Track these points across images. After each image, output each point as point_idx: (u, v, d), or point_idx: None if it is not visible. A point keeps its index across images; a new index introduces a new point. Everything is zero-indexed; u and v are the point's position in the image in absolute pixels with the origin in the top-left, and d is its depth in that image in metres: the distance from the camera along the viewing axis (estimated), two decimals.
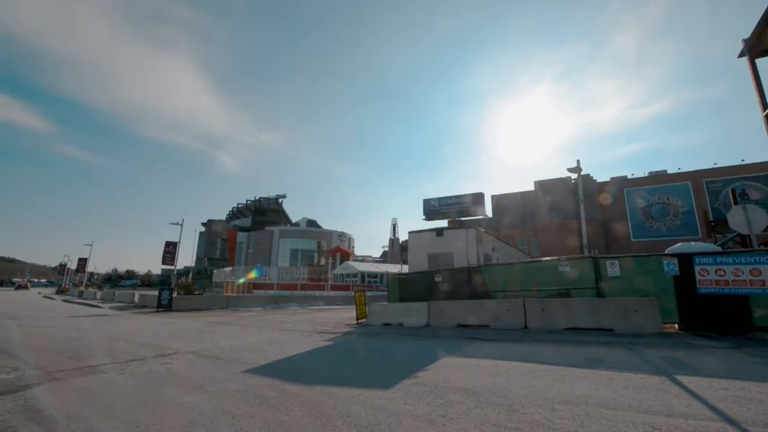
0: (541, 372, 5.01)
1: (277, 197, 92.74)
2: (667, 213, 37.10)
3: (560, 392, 4.06)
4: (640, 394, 3.90)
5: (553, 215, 41.46)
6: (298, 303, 26.31)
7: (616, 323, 8.14)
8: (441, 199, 52.98)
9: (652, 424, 3.10)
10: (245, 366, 5.91)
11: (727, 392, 3.90)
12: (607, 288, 9.32)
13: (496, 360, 5.93)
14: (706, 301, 7.93)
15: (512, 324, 9.45)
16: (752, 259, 7.49)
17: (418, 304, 11.41)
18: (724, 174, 35.17)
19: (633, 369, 5.03)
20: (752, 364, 5.29)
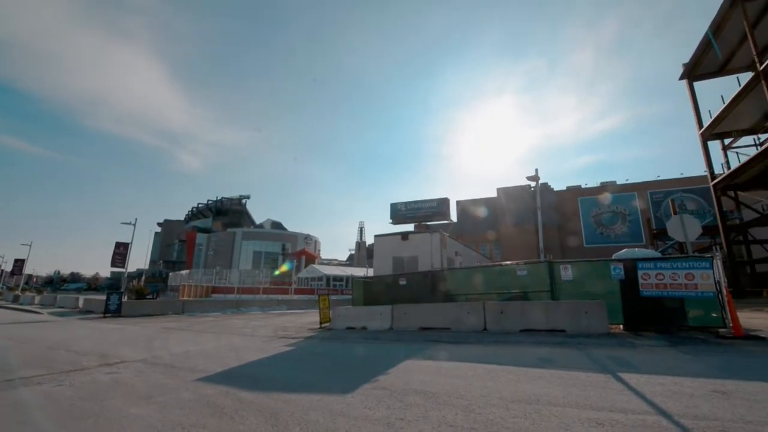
0: (497, 373, 5.18)
1: (240, 198, 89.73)
2: (616, 221, 39.84)
3: (515, 392, 4.22)
4: (587, 392, 4.14)
5: (514, 221, 43.21)
6: (260, 307, 25.52)
7: (568, 324, 8.60)
8: (408, 204, 53.52)
9: (596, 420, 3.30)
10: (199, 374, 5.64)
11: (663, 387, 4.22)
12: (561, 291, 9.82)
13: (455, 362, 6.07)
14: (647, 303, 8.58)
15: (473, 326, 9.71)
16: (687, 264, 8.21)
17: (382, 307, 11.44)
18: (666, 186, 38.34)
19: (581, 368, 5.33)
20: (685, 361, 5.77)
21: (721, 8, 21.47)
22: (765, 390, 4.02)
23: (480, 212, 47.03)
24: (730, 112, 23.29)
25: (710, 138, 26.20)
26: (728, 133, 25.73)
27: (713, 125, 24.94)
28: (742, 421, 3.16)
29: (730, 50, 24.11)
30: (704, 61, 25.41)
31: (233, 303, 25.21)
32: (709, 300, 8.01)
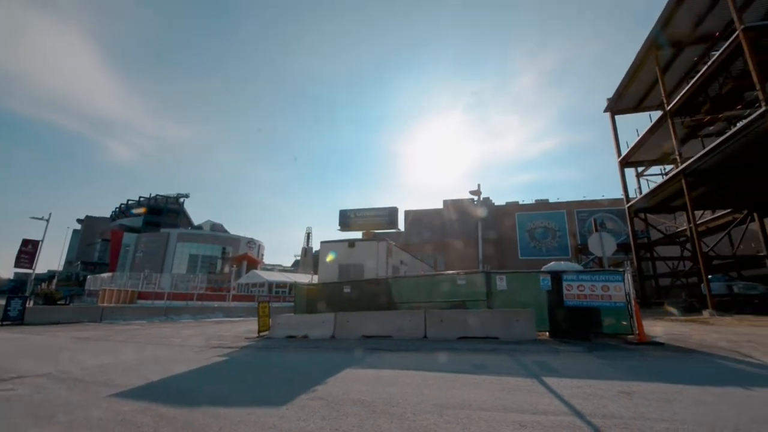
0: (433, 380, 5.32)
1: (178, 196, 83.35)
2: (548, 236, 43.28)
3: (448, 398, 4.36)
4: (514, 396, 4.40)
5: (459, 232, 45.10)
6: (192, 315, 23.78)
7: (502, 332, 9.12)
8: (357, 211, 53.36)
9: (520, 422, 3.52)
10: (116, 389, 5.10)
11: (579, 390, 4.62)
12: (496, 300, 10.39)
13: (394, 370, 6.13)
14: (570, 311, 9.39)
15: (413, 334, 9.90)
16: (603, 277, 9.16)
17: (325, 315, 11.25)
18: (590, 206, 42.52)
19: (510, 373, 5.66)
20: (599, 365, 6.38)
21: (639, 53, 24.52)
22: (660, 389, 4.58)
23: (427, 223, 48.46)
24: (643, 145, 26.53)
25: (627, 165, 29.64)
26: (641, 162, 29.30)
27: (629, 155, 28.25)
28: (642, 418, 3.56)
29: (644, 91, 27.60)
30: (624, 97, 28.81)
31: (162, 310, 23.20)
32: (620, 310, 8.98)
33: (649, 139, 25.30)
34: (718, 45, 19.54)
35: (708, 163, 19.62)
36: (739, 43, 15.96)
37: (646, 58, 24.22)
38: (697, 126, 22.30)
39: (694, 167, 20.21)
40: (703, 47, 22.42)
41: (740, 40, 15.89)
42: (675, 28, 21.99)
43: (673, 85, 24.49)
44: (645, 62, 24.53)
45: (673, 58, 24.04)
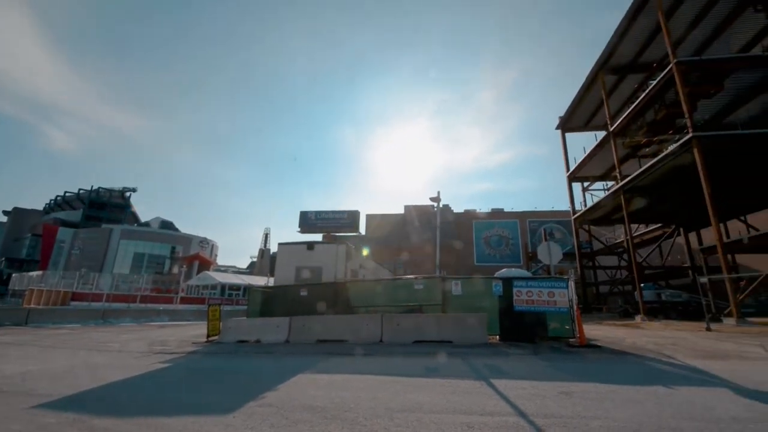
0: (387, 384, 5.35)
1: (123, 190, 77.29)
2: (502, 243, 45.25)
3: (401, 402, 4.40)
4: (463, 398, 4.53)
5: (419, 238, 45.85)
6: (135, 318, 22.15)
7: (455, 336, 9.37)
8: (318, 213, 52.62)
9: (468, 423, 3.63)
10: (40, 399, 4.62)
11: (524, 391, 4.85)
12: (452, 304, 10.67)
13: (348, 374, 6.09)
14: (519, 316, 9.85)
15: (370, 338, 9.90)
16: (549, 284, 9.74)
17: (280, 319, 10.95)
18: (541, 216, 45.04)
19: (461, 376, 5.83)
20: (543, 367, 6.74)
21: (588, 77, 26.46)
22: (596, 389, 4.92)
23: (388, 227, 48.83)
24: (589, 161, 28.58)
25: (574, 180, 31.78)
26: (587, 177, 31.55)
27: (576, 170, 30.31)
28: (579, 417, 3.80)
29: (592, 111, 29.82)
30: (574, 117, 30.94)
31: (99, 313, 21.39)
32: (564, 315, 9.57)
33: (595, 157, 27.35)
34: (655, 75, 21.57)
35: (643, 182, 21.53)
36: (673, 75, 17.73)
37: (594, 82, 26.22)
38: (635, 147, 24.44)
39: (631, 185, 22.10)
40: (643, 76, 24.67)
41: (673, 72, 17.66)
42: (620, 56, 24.03)
43: (617, 107, 26.66)
44: (593, 86, 26.55)
45: (617, 84, 26.23)
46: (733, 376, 5.65)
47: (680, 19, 20.43)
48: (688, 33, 21.25)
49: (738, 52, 21.75)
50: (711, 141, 16.71)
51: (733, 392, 4.75)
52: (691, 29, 21.07)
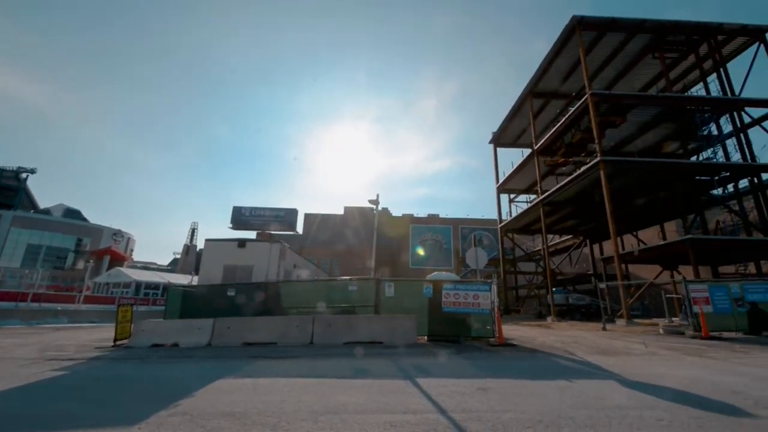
0: (313, 386, 5.26)
1: (18, 170, 65.92)
2: (436, 248, 47.23)
3: (326, 404, 4.36)
4: (388, 397, 4.63)
5: (356, 239, 45.94)
6: (24, 320, 19.07)
7: (385, 336, 9.55)
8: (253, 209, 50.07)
9: (390, 422, 3.71)
10: None
11: (446, 388, 5.10)
12: (384, 306, 10.86)
13: (274, 378, 5.87)
14: (447, 317, 10.36)
15: (300, 340, 9.67)
16: (475, 287, 10.40)
17: (202, 321, 10.20)
18: (472, 224, 47.88)
19: (388, 376, 5.95)
20: (465, 366, 7.15)
21: (519, 98, 28.80)
22: (510, 385, 5.35)
23: (326, 227, 48.19)
24: (516, 176, 31.07)
25: (502, 191, 34.34)
26: (513, 190, 34.28)
27: (504, 182, 32.78)
28: (492, 411, 4.09)
29: (521, 130, 32.51)
30: (505, 133, 33.47)
31: None
32: (486, 316, 10.27)
33: (521, 172, 29.87)
34: (573, 103, 24.25)
35: (559, 198, 24.00)
36: (587, 104, 20.08)
37: (523, 104, 28.67)
38: (554, 166, 27.18)
39: (549, 199, 24.51)
40: (564, 102, 27.58)
41: (588, 102, 20.00)
42: (546, 84, 26.61)
43: (543, 127, 29.44)
44: (522, 107, 29.02)
45: (543, 107, 28.98)
46: (620, 369, 6.52)
47: (595, 58, 23.27)
48: (602, 70, 24.28)
49: (639, 90, 25.35)
50: (614, 165, 19.22)
51: (619, 384, 5.48)
52: (604, 67, 24.09)
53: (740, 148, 21.06)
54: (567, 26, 21.32)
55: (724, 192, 21.72)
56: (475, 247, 12.66)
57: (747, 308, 12.25)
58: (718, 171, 20.46)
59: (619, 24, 20.93)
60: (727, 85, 21.91)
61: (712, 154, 21.36)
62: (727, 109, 21.04)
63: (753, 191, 20.26)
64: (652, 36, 21.69)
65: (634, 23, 20.87)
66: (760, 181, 20.29)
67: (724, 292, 12.45)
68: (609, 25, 20.96)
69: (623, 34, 21.55)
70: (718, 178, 20.92)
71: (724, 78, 22.06)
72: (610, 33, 21.43)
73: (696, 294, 12.35)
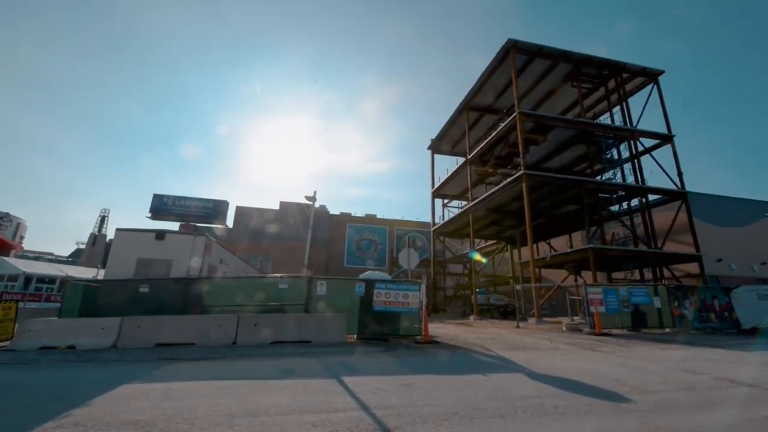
0: (233, 388, 5.01)
1: None
2: (371, 247, 47.78)
3: (245, 407, 4.18)
4: (312, 397, 4.58)
5: (290, 236, 44.56)
6: None
7: (315, 336, 9.43)
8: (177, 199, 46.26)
9: (312, 422, 3.68)
10: None
11: (370, 386, 5.19)
12: (316, 305, 10.71)
13: (188, 381, 5.47)
14: (377, 316, 10.56)
15: (222, 340, 9.12)
16: (405, 287, 10.76)
17: (107, 320, 9.12)
18: (407, 225, 49.28)
19: (314, 375, 5.89)
20: (391, 363, 7.34)
21: (456, 109, 30.32)
22: (431, 380, 5.62)
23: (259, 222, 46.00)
24: (450, 182, 32.68)
25: (437, 196, 35.90)
26: (447, 195, 36.02)
27: (439, 188, 34.32)
28: (413, 406, 4.26)
29: (457, 139, 34.26)
30: (443, 141, 35.04)
31: None
32: (415, 315, 10.67)
33: (454, 179, 31.51)
34: (504, 119, 26.19)
35: (487, 205, 25.78)
36: (516, 122, 21.86)
37: (460, 115, 30.29)
38: (485, 175, 29.14)
39: (478, 206, 26.20)
40: (497, 117, 29.68)
41: (516, 120, 21.79)
42: (481, 99, 28.43)
43: (476, 139, 31.32)
44: (459, 118, 30.65)
45: (478, 119, 30.88)
46: (529, 363, 7.22)
47: (525, 80, 25.44)
48: (530, 91, 26.63)
49: (559, 113, 28.24)
50: (534, 178, 21.18)
51: (527, 376, 6.06)
52: (532, 89, 26.45)
53: (634, 172, 24.61)
54: (503, 47, 23.01)
55: (620, 208, 25.21)
56: (408, 248, 13.06)
57: (631, 309, 14.35)
58: (616, 190, 23.66)
59: (546, 52, 23.16)
60: (627, 117, 25.44)
61: (613, 175, 24.63)
62: (626, 137, 24.42)
63: (641, 209, 23.79)
64: (572, 66, 24.37)
65: (558, 53, 23.24)
66: (647, 201, 23.90)
67: (614, 295, 14.42)
68: (538, 51, 23.08)
69: (549, 61, 23.89)
70: (615, 197, 24.19)
71: (625, 110, 25.58)
72: (539, 59, 23.61)
73: (593, 296, 14.13)
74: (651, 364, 7.40)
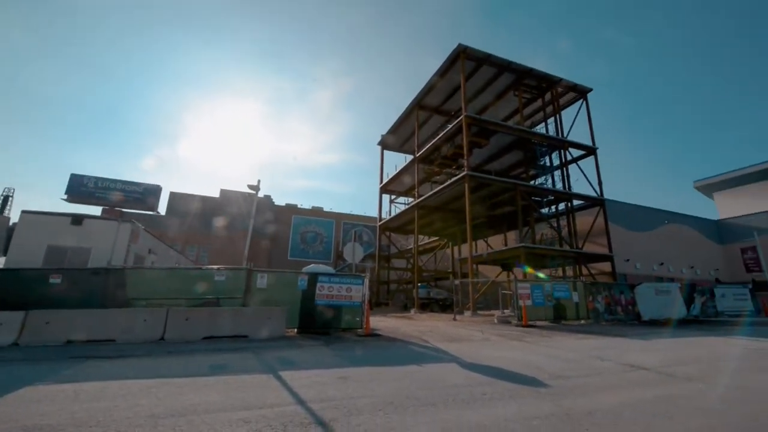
0: (158, 387, 4.68)
1: None
2: (316, 240, 47.08)
3: (171, 406, 3.94)
4: (245, 393, 4.44)
5: (231, 226, 42.30)
6: None
7: (252, 330, 9.11)
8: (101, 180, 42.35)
9: (244, 419, 3.57)
10: None
11: (308, 379, 5.16)
12: (255, 298, 10.33)
13: (106, 381, 5.00)
14: (319, 309, 10.48)
15: (147, 336, 8.45)
16: (348, 280, 10.80)
17: (6, 314, 7.98)
18: (355, 219, 49.27)
19: (249, 371, 5.71)
20: (330, 356, 7.35)
21: (407, 108, 30.81)
22: (369, 372, 5.73)
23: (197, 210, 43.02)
24: (398, 179, 33.20)
25: (384, 192, 36.31)
26: (394, 191, 36.58)
27: (387, 184, 34.74)
28: (349, 398, 4.32)
29: (407, 137, 34.84)
30: (393, 138, 35.42)
31: None
32: (357, 308, 10.76)
33: (402, 176, 32.09)
34: (451, 121, 27.20)
35: (432, 203, 26.66)
36: (462, 124, 22.79)
37: (410, 114, 30.84)
38: (431, 174, 30.05)
39: (423, 203, 27.01)
40: (445, 119, 30.69)
41: (462, 123, 22.72)
42: (431, 100, 29.21)
43: (425, 138, 32.13)
44: (409, 117, 31.19)
45: (427, 119, 31.66)
46: (462, 353, 7.65)
47: (473, 85, 26.59)
48: (476, 96, 27.89)
49: (502, 120, 29.92)
50: (476, 180, 22.31)
51: (459, 366, 6.43)
52: (478, 94, 27.72)
53: (562, 179, 26.97)
54: (453, 52, 23.80)
55: (549, 211, 27.53)
56: (354, 242, 13.10)
57: (553, 303, 15.79)
58: (547, 195, 25.78)
59: (493, 60, 24.41)
60: (560, 128, 27.76)
61: (545, 180, 26.80)
62: (558, 147, 26.65)
63: (567, 213, 26.19)
64: (515, 77, 25.96)
65: (503, 62, 24.60)
66: (572, 206, 26.35)
67: (540, 290, 15.76)
68: (485, 59, 24.23)
69: (495, 69, 25.20)
70: (546, 200, 26.35)
71: (559, 122, 27.88)
72: (486, 66, 24.80)
73: (522, 291, 15.32)
74: (568, 352, 8.23)
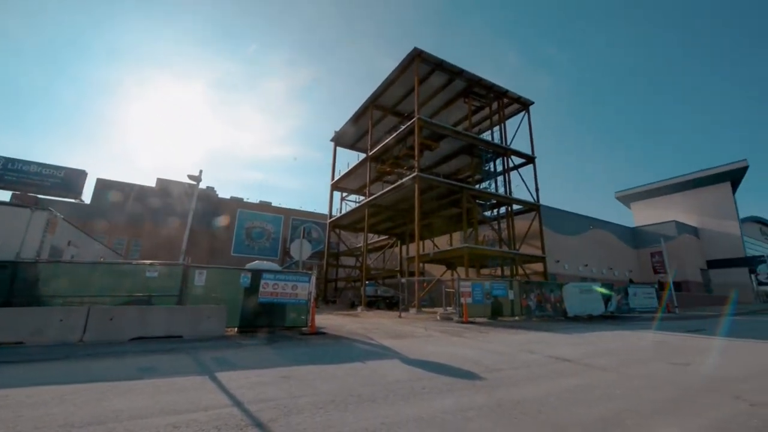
0: (75, 393, 4.24)
1: None
2: (263, 236, 45.38)
3: (90, 413, 3.59)
4: (177, 396, 4.18)
5: (167, 218, 39.26)
6: None
7: (187, 330, 8.57)
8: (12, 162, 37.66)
9: (174, 424, 3.36)
10: None
11: (247, 380, 4.99)
12: (192, 296, 9.71)
13: (9, 389, 4.42)
14: (262, 307, 10.14)
15: (64, 338, 7.59)
16: (294, 278, 10.58)
17: None
18: (304, 216, 48.22)
19: (182, 373, 5.38)
20: (272, 355, 7.16)
21: (361, 106, 30.85)
22: (311, 371, 5.67)
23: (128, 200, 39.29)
24: (350, 176, 33.09)
25: (336, 189, 36.02)
26: (346, 189, 36.41)
27: (339, 181, 34.50)
28: (291, 397, 4.25)
29: (361, 134, 34.81)
30: (347, 135, 35.24)
31: None
32: (302, 306, 10.58)
33: (354, 173, 32.04)
34: (404, 122, 27.66)
35: (382, 202, 26.95)
36: (414, 127, 23.29)
37: (365, 112, 30.88)
38: (383, 173, 30.36)
39: (374, 202, 27.21)
40: (398, 120, 31.13)
41: (415, 125, 23.23)
42: (385, 100, 29.49)
43: (378, 137, 32.34)
44: (364, 115, 31.21)
45: (381, 119, 31.90)
46: (405, 350, 7.85)
47: (427, 89, 27.29)
48: (429, 100, 28.68)
49: (452, 125, 31.03)
50: (426, 181, 22.96)
51: (402, 362, 6.59)
52: (431, 98, 28.52)
53: (505, 185, 28.68)
54: (409, 54, 24.24)
55: (491, 214, 29.15)
56: (302, 238, 12.84)
57: (492, 300, 16.77)
58: (491, 198, 27.27)
59: (446, 66, 25.25)
60: (504, 137, 29.47)
61: (489, 185, 28.31)
62: (502, 154, 28.29)
63: (507, 216, 27.91)
64: (466, 84, 27.09)
65: (456, 69, 25.55)
66: (512, 210, 28.13)
67: (480, 288, 16.65)
68: (439, 65, 24.99)
69: (448, 75, 26.09)
70: (489, 204, 27.88)
71: (503, 131, 29.59)
72: (439, 71, 25.59)
73: (464, 289, 16.07)
74: (502, 347, 8.80)
